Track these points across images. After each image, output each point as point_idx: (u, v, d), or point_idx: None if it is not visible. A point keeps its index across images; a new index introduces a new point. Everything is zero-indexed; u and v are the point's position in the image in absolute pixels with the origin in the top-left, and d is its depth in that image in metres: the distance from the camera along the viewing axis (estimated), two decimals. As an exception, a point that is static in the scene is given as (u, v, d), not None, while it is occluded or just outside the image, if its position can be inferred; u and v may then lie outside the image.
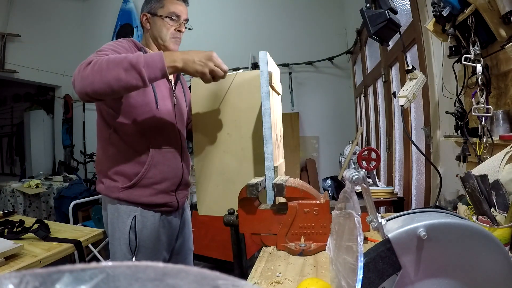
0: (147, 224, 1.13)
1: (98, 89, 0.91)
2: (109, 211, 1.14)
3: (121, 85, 0.91)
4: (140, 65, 0.90)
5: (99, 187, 1.16)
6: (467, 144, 1.16)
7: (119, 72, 0.90)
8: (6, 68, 4.23)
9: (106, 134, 1.13)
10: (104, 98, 0.98)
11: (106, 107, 1.11)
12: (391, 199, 1.81)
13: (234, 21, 4.61)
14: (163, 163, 1.14)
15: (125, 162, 1.11)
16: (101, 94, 0.93)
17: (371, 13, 1.00)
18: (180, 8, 1.19)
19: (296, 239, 0.83)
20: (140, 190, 1.11)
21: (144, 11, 1.20)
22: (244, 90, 1.13)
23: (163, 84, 1.18)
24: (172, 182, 1.18)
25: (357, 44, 3.51)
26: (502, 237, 0.64)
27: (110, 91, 0.91)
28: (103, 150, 1.15)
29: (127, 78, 0.90)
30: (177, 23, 1.19)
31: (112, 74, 0.90)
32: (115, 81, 0.90)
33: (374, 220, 0.43)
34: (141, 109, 1.11)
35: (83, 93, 0.93)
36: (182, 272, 0.16)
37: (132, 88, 0.93)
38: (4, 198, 3.54)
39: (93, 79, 0.91)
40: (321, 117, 4.36)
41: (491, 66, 1.09)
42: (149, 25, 1.20)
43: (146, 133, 1.12)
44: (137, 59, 0.91)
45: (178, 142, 1.21)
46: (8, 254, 1.04)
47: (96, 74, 0.91)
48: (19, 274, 0.15)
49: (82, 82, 0.92)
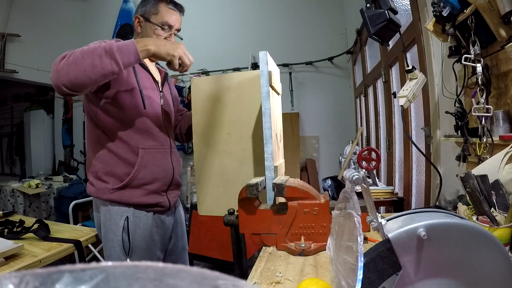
0: (139, 224, 1.13)
1: (74, 78, 0.91)
2: (101, 213, 1.14)
3: (97, 72, 0.91)
4: (113, 50, 0.92)
5: (90, 189, 1.15)
6: (467, 144, 1.16)
7: (93, 59, 0.91)
8: (6, 68, 4.23)
9: (95, 135, 1.13)
10: (81, 89, 0.96)
11: (94, 107, 1.11)
12: (391, 199, 1.81)
13: (234, 21, 4.61)
14: (153, 163, 1.14)
15: (115, 163, 1.11)
16: (78, 84, 0.92)
17: (371, 13, 1.00)
18: (174, 18, 1.18)
19: (296, 239, 0.83)
20: (131, 191, 1.11)
21: (138, 13, 1.19)
22: (244, 90, 1.13)
23: (150, 85, 1.18)
24: (163, 182, 1.17)
25: (357, 44, 3.51)
26: (502, 237, 0.64)
27: (87, 79, 0.92)
28: (93, 151, 1.15)
29: (102, 64, 0.91)
30: (168, 33, 1.18)
31: (86, 62, 0.91)
32: (91, 68, 0.91)
33: (374, 220, 0.43)
34: (129, 110, 1.11)
35: (59, 85, 0.93)
36: (182, 272, 0.16)
37: (108, 75, 0.94)
38: (4, 198, 3.54)
39: (68, 70, 0.91)
40: (321, 117, 4.36)
41: (491, 66, 1.09)
42: (140, 28, 1.19)
43: (135, 133, 1.12)
44: (110, 46, 0.93)
45: (167, 142, 1.21)
46: (8, 254, 1.04)
47: (71, 65, 0.91)
48: (19, 274, 0.15)
49: (57, 74, 0.92)
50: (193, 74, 4.14)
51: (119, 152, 1.11)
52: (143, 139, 1.13)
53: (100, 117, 1.11)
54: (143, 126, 1.14)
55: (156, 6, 1.17)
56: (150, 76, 1.20)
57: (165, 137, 1.20)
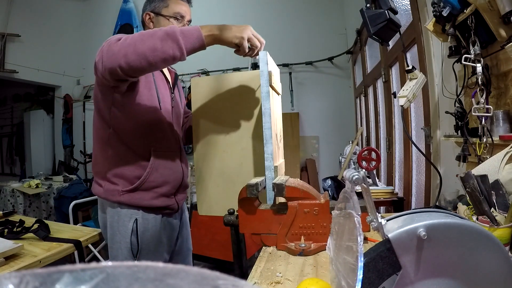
0: (148, 226, 1.11)
1: (132, 61, 0.85)
2: (108, 215, 1.11)
3: (157, 55, 0.85)
4: (176, 34, 0.86)
5: (97, 190, 1.12)
6: (467, 144, 1.16)
7: (154, 42, 0.85)
8: (6, 68, 4.23)
9: (104, 135, 1.09)
10: (138, 74, 0.91)
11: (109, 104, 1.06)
12: (391, 199, 1.82)
13: (234, 21, 4.57)
14: (164, 166, 1.12)
15: (125, 165, 1.08)
16: (135, 67, 0.86)
17: (371, 13, 1.00)
18: (185, 9, 1.17)
19: (296, 239, 0.83)
20: (141, 194, 1.09)
21: (147, 10, 1.17)
22: (244, 90, 1.13)
23: (163, 86, 1.17)
24: (172, 185, 1.16)
25: (357, 44, 3.51)
26: (502, 237, 0.64)
27: (146, 63, 0.85)
28: (101, 151, 1.11)
29: (163, 48, 0.85)
30: (181, 23, 1.16)
31: (146, 44, 0.85)
32: (151, 51, 0.84)
33: (374, 220, 0.43)
34: (146, 110, 1.07)
35: (115, 67, 0.86)
36: (182, 272, 0.16)
37: (169, 59, 0.87)
38: (4, 198, 3.54)
39: (126, 51, 0.85)
40: (321, 117, 4.36)
41: (491, 66, 1.09)
42: (152, 24, 1.17)
43: (147, 134, 1.09)
44: (173, 29, 0.87)
45: (177, 144, 1.20)
46: (8, 254, 1.04)
47: (129, 47, 0.85)
48: (19, 274, 0.15)
49: (114, 56, 0.86)
50: (193, 74, 4.14)
51: (130, 154, 1.08)
52: (155, 141, 1.11)
53: (114, 115, 1.05)
54: (156, 128, 1.11)
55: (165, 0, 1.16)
56: (163, 76, 1.18)
57: (175, 139, 1.19)
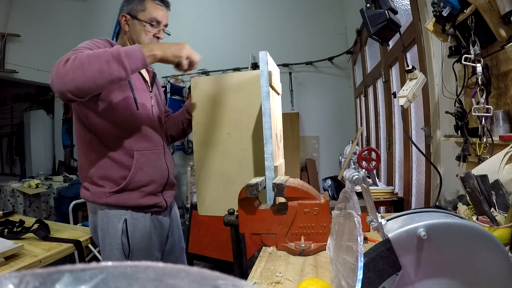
0: (138, 226, 1.12)
1: (80, 84, 0.88)
2: (98, 217, 1.12)
3: (105, 78, 0.89)
4: (121, 56, 0.90)
5: (85, 194, 1.13)
6: (467, 144, 1.16)
7: (101, 65, 0.88)
8: (6, 68, 4.23)
9: (86, 139, 1.11)
10: (87, 95, 0.93)
11: (86, 109, 1.08)
12: (391, 199, 1.82)
13: (234, 21, 4.61)
14: (148, 165, 1.13)
15: (110, 167, 1.09)
16: (84, 90, 0.89)
17: (371, 13, 1.00)
18: (161, 14, 1.17)
19: (296, 239, 0.83)
20: (128, 194, 1.10)
21: (124, 12, 1.17)
22: (244, 90, 1.13)
23: (141, 86, 1.17)
24: (158, 183, 1.17)
25: (357, 44, 3.51)
26: (502, 237, 0.64)
27: (94, 85, 0.89)
28: (85, 155, 1.12)
29: (109, 70, 0.89)
30: (157, 29, 1.17)
31: (93, 67, 0.88)
32: (98, 74, 0.88)
33: (374, 220, 0.43)
34: (122, 112, 1.09)
35: (64, 91, 0.89)
36: (182, 272, 0.16)
37: (115, 80, 0.91)
38: (4, 198, 3.54)
39: (74, 75, 0.87)
40: (321, 117, 4.36)
41: (491, 66, 1.09)
42: (128, 27, 1.17)
43: (128, 135, 1.11)
44: (118, 51, 0.91)
45: (160, 142, 1.20)
46: (8, 254, 1.04)
47: (77, 70, 0.88)
48: (19, 274, 0.15)
49: (62, 79, 0.88)
50: (193, 74, 4.14)
51: (114, 155, 1.09)
52: (137, 141, 1.12)
53: (92, 120, 1.08)
54: (137, 128, 1.12)
55: (142, 3, 1.15)
56: (141, 76, 1.20)
57: (158, 137, 1.20)
